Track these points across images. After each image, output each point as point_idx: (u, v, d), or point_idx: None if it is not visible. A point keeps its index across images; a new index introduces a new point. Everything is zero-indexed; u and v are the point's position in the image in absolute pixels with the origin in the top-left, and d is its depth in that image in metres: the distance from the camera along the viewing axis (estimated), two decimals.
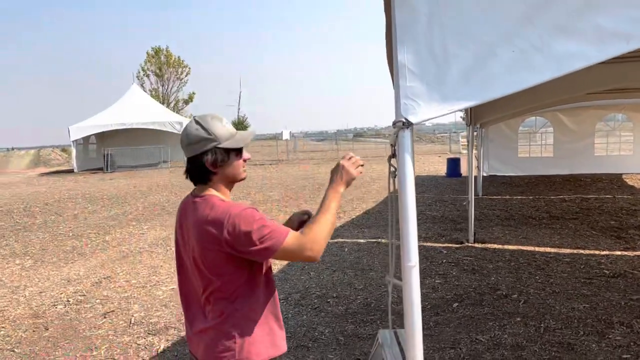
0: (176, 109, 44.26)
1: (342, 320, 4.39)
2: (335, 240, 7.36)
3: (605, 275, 5.25)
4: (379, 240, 7.26)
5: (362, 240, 7.30)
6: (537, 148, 16.38)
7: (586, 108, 13.78)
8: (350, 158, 1.95)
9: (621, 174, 14.08)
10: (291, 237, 1.74)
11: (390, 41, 1.93)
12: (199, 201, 1.83)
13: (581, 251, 6.30)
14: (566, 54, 1.64)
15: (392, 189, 1.95)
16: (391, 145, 1.88)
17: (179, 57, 45.84)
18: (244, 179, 1.95)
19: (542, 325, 4.07)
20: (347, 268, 5.93)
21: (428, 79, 1.76)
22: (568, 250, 6.36)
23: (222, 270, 1.78)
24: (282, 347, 1.92)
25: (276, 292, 1.98)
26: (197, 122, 1.85)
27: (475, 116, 6.78)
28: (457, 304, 4.65)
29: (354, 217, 9.27)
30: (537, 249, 6.50)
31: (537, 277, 5.30)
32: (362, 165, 1.99)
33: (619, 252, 6.16)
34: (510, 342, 3.80)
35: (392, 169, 1.92)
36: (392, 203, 2.02)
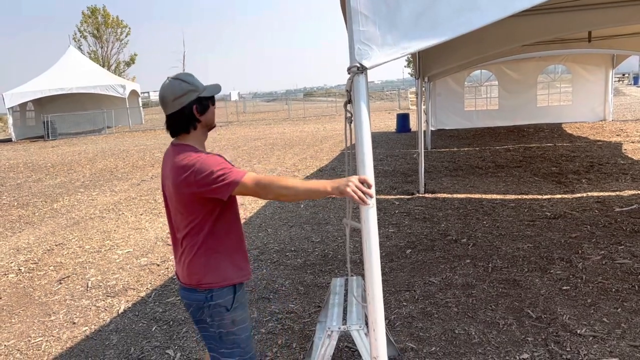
0: (117, 72, 42.47)
1: (301, 271, 4.50)
2: None
3: (547, 217, 5.57)
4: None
5: None
6: (482, 101, 16.83)
7: (528, 60, 14.21)
8: (362, 182, 1.82)
9: (561, 124, 14.72)
10: (249, 176, 1.96)
11: None
12: (177, 149, 2.10)
13: (525, 196, 6.63)
14: None
15: (349, 133, 2.01)
16: (347, 91, 1.91)
17: (117, 16, 43.70)
18: (214, 127, 2.24)
19: (489, 265, 4.31)
20: (304, 223, 6.03)
21: (380, 22, 1.79)
22: (513, 196, 6.67)
23: (192, 209, 2.06)
24: (244, 276, 2.20)
25: (241, 230, 2.23)
26: (178, 78, 2.11)
27: (424, 69, 6.88)
28: (410, 251, 4.83)
29: (308, 174, 9.34)
30: (484, 196, 6.79)
31: (484, 222, 5.56)
32: (368, 196, 1.80)
33: (559, 196, 6.52)
34: (461, 282, 4.01)
35: (349, 114, 1.97)
36: (348, 149, 2.08)
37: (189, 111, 2.09)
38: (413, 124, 16.39)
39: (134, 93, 27.60)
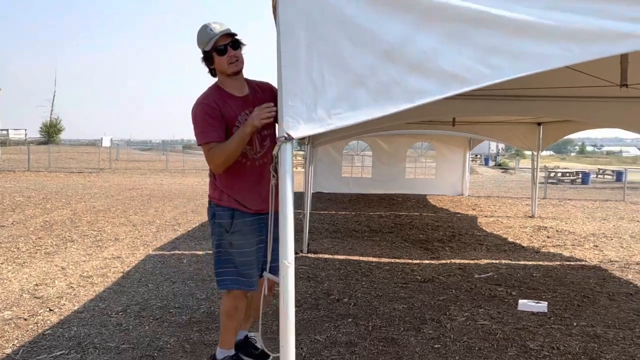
0: None
1: (187, 329, 4.40)
2: (173, 253, 7.25)
3: (417, 280, 6.07)
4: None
5: (200, 252, 7.29)
6: (358, 169, 17.94)
7: (400, 136, 15.55)
8: (264, 108, 2.65)
9: (425, 195, 16.12)
10: (206, 147, 2.77)
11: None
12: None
13: (397, 260, 7.16)
14: (418, 89, 2.03)
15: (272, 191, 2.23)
16: (274, 155, 2.10)
17: None
18: (236, 72, 2.79)
19: (370, 324, 4.59)
20: (187, 279, 5.91)
21: (307, 101, 2.03)
22: (387, 260, 7.17)
23: None
24: (243, 207, 2.96)
25: (250, 178, 2.97)
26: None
27: (314, 136, 7.32)
28: (296, 309, 4.95)
29: (189, 229, 9.18)
30: (361, 258, 7.20)
31: (363, 283, 5.90)
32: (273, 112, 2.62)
33: (427, 261, 7.14)
34: (345, 340, 4.21)
35: (274, 175, 2.21)
36: (272, 205, 2.25)
37: (202, 62, 2.82)
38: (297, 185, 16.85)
39: None
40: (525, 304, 5.04)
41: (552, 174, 25.22)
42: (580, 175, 25.00)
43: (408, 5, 2.00)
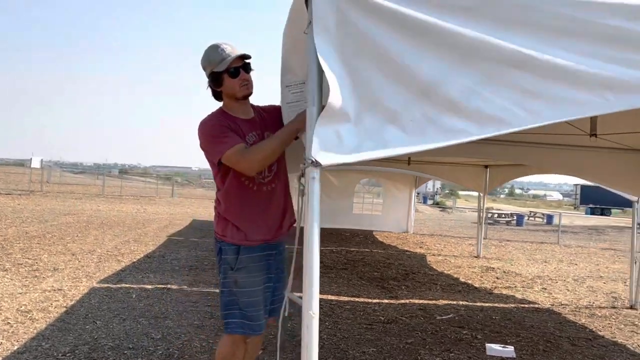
0: None
1: None
2: (120, 286, 6.72)
3: (381, 322, 5.91)
4: (168, 286, 6.89)
5: (149, 286, 6.82)
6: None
7: (349, 171, 15.62)
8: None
9: (372, 231, 16.17)
10: (232, 150, 2.47)
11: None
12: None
13: (357, 299, 6.99)
14: (453, 128, 1.93)
15: (300, 204, 2.08)
16: (301, 164, 1.93)
17: None
18: (246, 95, 2.62)
19: None
20: (139, 316, 5.45)
21: (339, 130, 1.89)
22: (346, 298, 6.98)
23: (210, 166, 2.65)
24: (247, 241, 2.67)
25: (259, 202, 2.71)
26: (204, 51, 2.58)
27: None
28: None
29: (134, 260, 8.62)
30: (321, 296, 6.94)
31: (327, 324, 5.68)
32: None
33: (387, 301, 7.01)
34: None
35: (301, 187, 2.06)
36: (300, 211, 2.09)
37: (209, 84, 2.61)
38: None
39: None
40: (493, 349, 5.00)
41: (490, 215, 26.14)
42: (515, 217, 26.07)
43: (446, 42, 1.92)
